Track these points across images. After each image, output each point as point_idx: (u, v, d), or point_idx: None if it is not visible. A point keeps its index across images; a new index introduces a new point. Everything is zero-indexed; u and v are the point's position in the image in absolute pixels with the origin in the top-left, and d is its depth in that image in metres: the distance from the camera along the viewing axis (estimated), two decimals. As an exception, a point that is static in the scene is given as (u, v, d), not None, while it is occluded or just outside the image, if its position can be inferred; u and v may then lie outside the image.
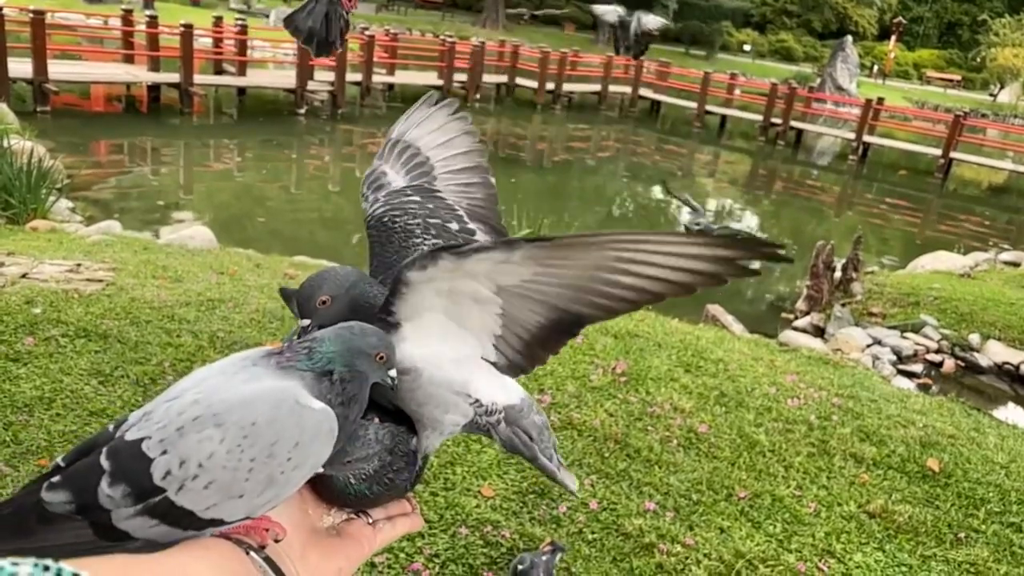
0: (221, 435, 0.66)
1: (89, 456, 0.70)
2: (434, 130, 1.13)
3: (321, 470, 0.73)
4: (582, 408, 3.43)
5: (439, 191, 1.05)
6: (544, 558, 2.26)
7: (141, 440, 0.67)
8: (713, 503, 2.88)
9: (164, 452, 0.66)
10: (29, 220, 6.27)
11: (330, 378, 0.71)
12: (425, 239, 0.96)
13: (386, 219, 0.98)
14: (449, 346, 0.81)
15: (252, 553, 0.69)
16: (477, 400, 0.83)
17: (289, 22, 1.97)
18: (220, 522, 0.68)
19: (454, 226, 1.00)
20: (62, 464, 0.71)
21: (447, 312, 0.79)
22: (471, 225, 1.02)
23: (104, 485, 0.66)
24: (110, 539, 0.67)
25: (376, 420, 0.82)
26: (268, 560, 0.69)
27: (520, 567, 2.24)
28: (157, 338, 3.48)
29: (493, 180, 1.09)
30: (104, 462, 0.67)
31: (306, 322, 0.79)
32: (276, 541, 0.71)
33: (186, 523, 0.67)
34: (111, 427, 0.72)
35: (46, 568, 0.45)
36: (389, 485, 0.81)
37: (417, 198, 1.02)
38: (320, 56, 1.97)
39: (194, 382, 0.73)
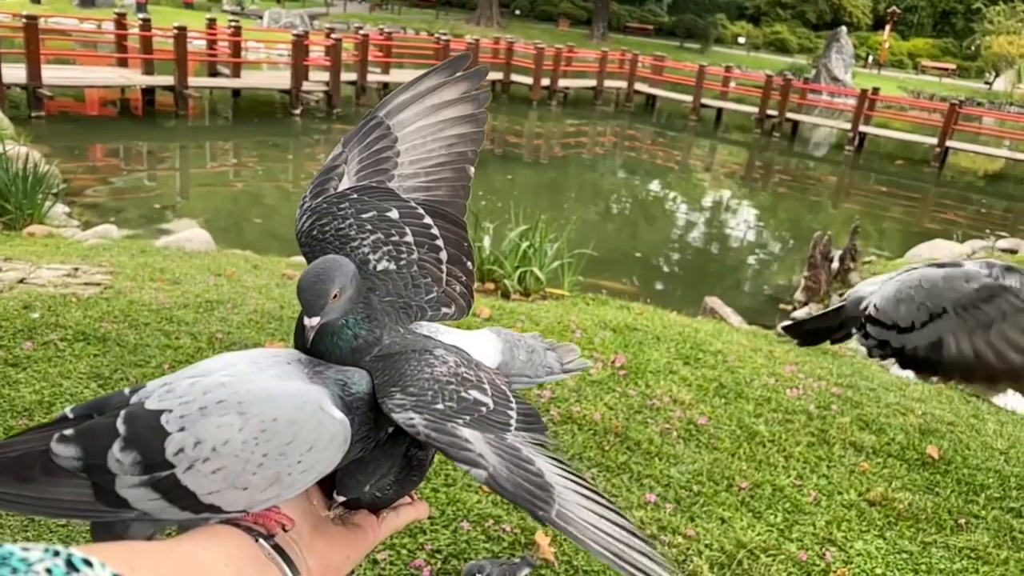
0: (241, 424, 0.67)
1: (103, 416, 0.69)
2: (428, 113, 1.02)
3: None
4: (582, 402, 3.43)
5: (388, 189, 0.97)
6: (502, 567, 2.22)
7: (161, 412, 0.67)
8: (714, 494, 2.88)
9: (182, 429, 0.66)
10: (26, 225, 6.27)
11: (356, 415, 0.73)
12: (362, 239, 0.90)
13: (314, 231, 0.91)
14: None
15: (261, 541, 0.69)
16: None
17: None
18: (218, 509, 0.68)
19: (393, 214, 0.93)
20: (70, 416, 0.71)
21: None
22: (420, 210, 0.96)
23: (115, 449, 0.67)
24: (108, 504, 0.67)
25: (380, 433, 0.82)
26: (277, 548, 0.69)
27: (472, 571, 2.17)
28: (156, 340, 3.48)
29: (471, 170, 1.02)
30: (120, 426, 0.67)
31: (315, 321, 0.75)
32: (284, 531, 0.71)
33: (185, 503, 0.67)
34: (127, 391, 0.72)
35: (56, 553, 0.45)
36: (404, 486, 0.82)
37: (353, 195, 0.94)
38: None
39: (223, 364, 0.73)
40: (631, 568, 0.68)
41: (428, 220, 0.95)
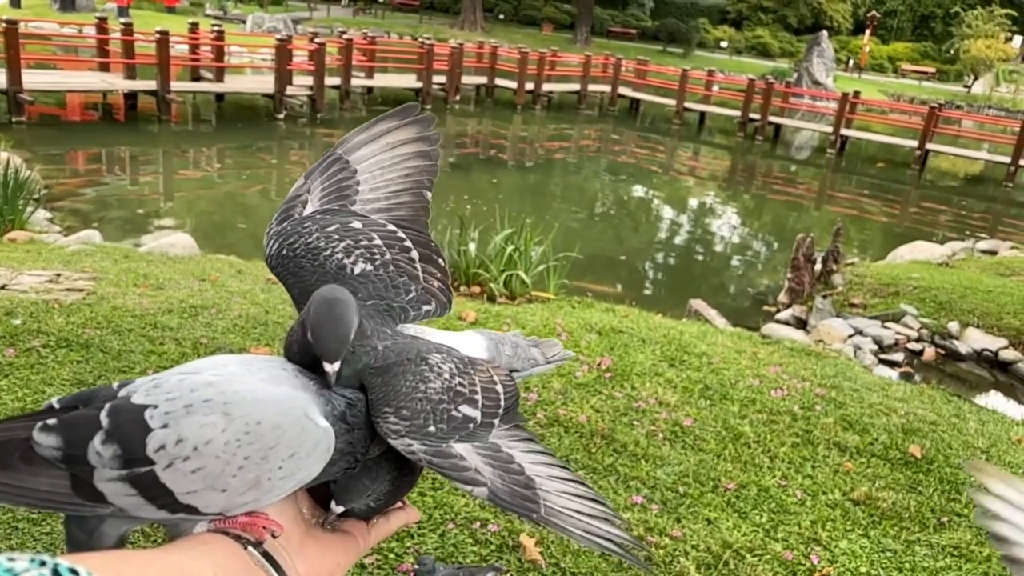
0: (225, 424, 0.66)
1: (88, 407, 0.69)
2: (384, 150, 1.06)
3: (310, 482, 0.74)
4: (568, 405, 3.44)
5: (351, 210, 1.01)
6: (459, 570, 2.17)
7: (145, 407, 0.67)
8: (700, 495, 2.90)
9: (165, 425, 0.66)
10: (7, 231, 6.22)
11: (355, 429, 0.73)
12: (333, 248, 0.92)
13: (283, 251, 0.93)
14: None
15: (250, 548, 0.68)
16: None
17: None
18: (195, 510, 0.67)
19: (356, 224, 0.96)
20: (56, 406, 0.70)
21: None
22: (382, 220, 0.99)
23: (97, 441, 0.66)
24: (84, 497, 0.66)
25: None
26: (266, 555, 0.69)
27: (421, 567, 2.16)
28: (140, 346, 3.46)
29: (428, 195, 1.06)
30: (103, 418, 0.67)
31: (337, 365, 0.73)
32: (273, 537, 0.71)
33: (162, 502, 0.66)
34: (115, 385, 0.71)
35: (42, 563, 0.45)
36: (397, 493, 0.82)
37: (317, 216, 0.97)
38: None
39: (213, 364, 0.72)
40: (607, 544, 0.75)
41: (392, 228, 0.98)
